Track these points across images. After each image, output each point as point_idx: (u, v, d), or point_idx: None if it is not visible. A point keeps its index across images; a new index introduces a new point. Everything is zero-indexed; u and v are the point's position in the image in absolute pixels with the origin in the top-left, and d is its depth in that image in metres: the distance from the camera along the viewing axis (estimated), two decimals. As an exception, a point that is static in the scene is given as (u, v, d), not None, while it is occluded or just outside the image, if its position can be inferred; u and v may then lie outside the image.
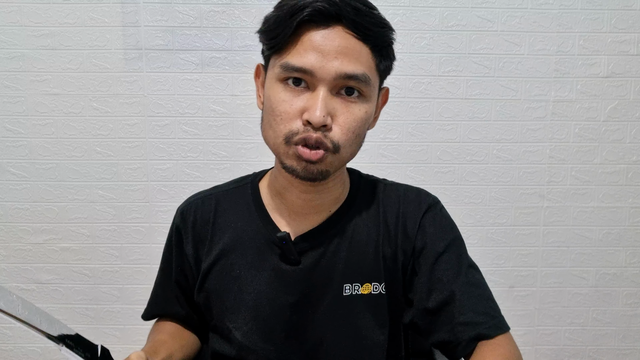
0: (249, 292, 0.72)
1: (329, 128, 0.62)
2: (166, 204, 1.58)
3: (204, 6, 1.51)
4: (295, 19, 0.61)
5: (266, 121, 0.67)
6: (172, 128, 1.56)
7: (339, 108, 0.63)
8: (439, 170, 1.58)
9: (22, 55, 1.52)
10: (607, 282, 1.65)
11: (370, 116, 0.67)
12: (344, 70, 0.61)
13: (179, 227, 0.79)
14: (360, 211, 0.74)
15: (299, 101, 0.63)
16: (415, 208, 0.74)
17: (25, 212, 1.59)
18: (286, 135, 0.63)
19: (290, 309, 0.71)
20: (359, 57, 0.62)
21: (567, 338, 1.67)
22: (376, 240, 0.73)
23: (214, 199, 0.79)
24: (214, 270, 0.75)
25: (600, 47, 1.55)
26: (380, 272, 0.72)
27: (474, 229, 1.60)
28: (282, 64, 0.63)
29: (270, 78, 0.66)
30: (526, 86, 1.56)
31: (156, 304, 0.84)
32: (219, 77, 1.54)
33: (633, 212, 1.62)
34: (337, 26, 0.61)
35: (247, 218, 0.75)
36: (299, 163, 0.64)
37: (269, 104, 0.66)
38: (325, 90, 0.62)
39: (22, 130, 1.55)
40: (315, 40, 0.61)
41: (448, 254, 0.72)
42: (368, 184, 0.78)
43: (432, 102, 1.56)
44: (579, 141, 1.59)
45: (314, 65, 0.61)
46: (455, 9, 1.53)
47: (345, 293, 0.71)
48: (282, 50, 0.63)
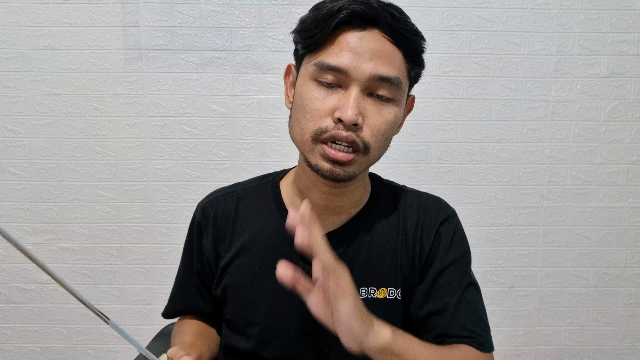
0: (267, 289, 0.73)
1: (359, 128, 0.63)
2: (166, 204, 1.58)
3: (204, 6, 1.51)
4: (333, 20, 0.62)
5: (295, 118, 0.67)
6: (172, 128, 1.56)
7: (370, 109, 0.64)
8: (439, 170, 1.58)
9: (22, 55, 1.52)
10: (607, 282, 1.65)
11: (399, 120, 0.68)
12: (378, 72, 0.62)
13: (199, 223, 0.79)
14: (380, 216, 0.75)
15: (330, 100, 0.63)
16: (433, 218, 0.75)
17: (25, 212, 1.59)
18: (315, 132, 0.64)
19: (306, 308, 0.71)
20: (393, 60, 0.64)
21: (567, 338, 1.67)
22: (394, 247, 0.73)
23: (235, 196, 0.79)
24: (233, 265, 0.75)
25: (600, 47, 1.55)
26: (397, 278, 0.73)
27: (474, 229, 1.60)
28: (317, 63, 0.64)
29: (303, 76, 0.66)
30: (526, 86, 1.56)
31: (179, 299, 0.83)
32: (219, 77, 1.54)
33: (633, 212, 1.62)
34: (374, 29, 0.63)
35: (268, 216, 0.76)
36: (325, 162, 0.64)
37: (300, 101, 0.66)
38: (357, 90, 0.62)
39: (22, 130, 1.55)
40: (351, 42, 0.62)
41: (453, 267, 0.73)
42: (389, 189, 0.79)
43: (432, 102, 1.56)
44: (579, 141, 1.59)
45: (348, 65, 0.62)
46: (455, 9, 1.53)
47: (361, 296, 0.71)
48: (318, 50, 0.64)
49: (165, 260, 1.60)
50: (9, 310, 1.63)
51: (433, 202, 0.77)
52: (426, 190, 0.80)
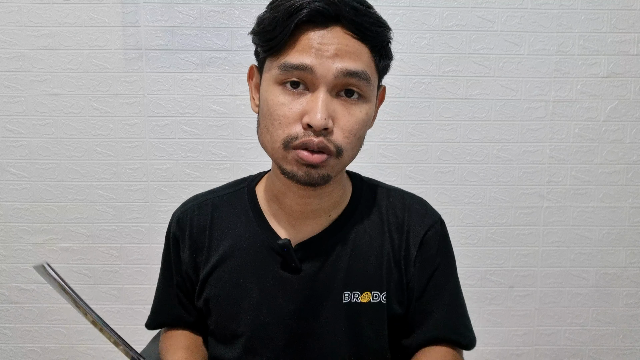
0: (249, 300, 0.71)
1: (330, 131, 0.61)
2: (166, 204, 1.58)
3: (204, 6, 1.51)
4: (293, 20, 0.59)
5: (263, 125, 0.64)
6: (172, 128, 1.56)
7: (340, 110, 0.61)
8: (439, 170, 1.58)
9: (22, 55, 1.52)
10: (607, 282, 1.65)
11: (370, 117, 0.66)
12: (345, 67, 0.60)
13: (175, 235, 0.77)
14: (362, 217, 0.73)
15: (298, 104, 0.61)
16: (420, 222, 0.74)
17: (25, 212, 1.59)
18: (285, 140, 0.61)
19: (290, 316, 0.70)
20: (359, 55, 0.61)
21: (567, 338, 1.67)
22: (379, 249, 0.72)
23: (210, 204, 0.77)
24: (213, 277, 0.73)
25: (600, 47, 1.55)
26: (382, 281, 0.71)
27: (474, 229, 1.60)
28: (281, 65, 0.61)
29: (267, 80, 0.64)
30: (526, 86, 1.56)
31: (161, 312, 0.82)
32: (219, 77, 1.54)
33: (633, 212, 1.62)
34: (336, 27, 0.60)
35: (245, 224, 0.74)
36: (299, 168, 0.62)
37: (266, 108, 0.63)
38: (325, 92, 0.60)
39: (22, 130, 1.55)
40: (314, 40, 0.59)
41: (441, 271, 0.74)
42: (370, 188, 0.77)
43: (432, 102, 1.56)
44: (579, 141, 1.59)
45: (313, 62, 0.59)
46: (455, 9, 1.53)
47: (345, 300, 0.70)
48: (279, 52, 0.61)
49: (165, 260, 1.60)
50: (9, 310, 1.63)
51: (417, 204, 0.76)
52: (426, 190, 0.80)
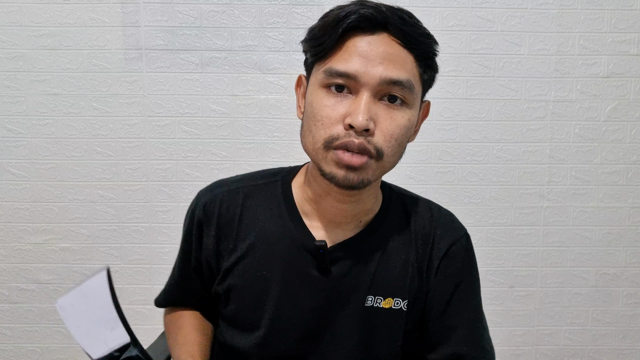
0: (273, 294, 0.72)
1: (371, 133, 0.61)
2: (166, 204, 1.58)
3: (204, 6, 1.51)
4: (341, 25, 0.61)
5: (306, 127, 0.66)
6: (172, 128, 1.56)
7: (382, 114, 0.62)
8: (439, 170, 1.58)
9: (22, 55, 1.52)
10: (607, 282, 1.65)
11: (412, 125, 0.66)
12: (388, 76, 0.61)
13: (200, 221, 0.76)
14: (391, 226, 0.74)
15: (341, 106, 0.62)
16: (445, 235, 0.75)
17: (25, 212, 1.59)
18: (326, 139, 0.62)
19: (310, 312, 0.71)
20: (404, 64, 0.62)
21: (567, 338, 1.67)
22: (405, 257, 0.73)
23: (242, 193, 0.76)
24: (239, 267, 0.73)
25: (600, 47, 1.55)
26: (404, 289, 0.72)
27: (474, 229, 1.59)
28: (326, 70, 0.62)
29: (313, 84, 0.65)
30: (526, 86, 1.56)
31: (174, 292, 0.83)
32: (219, 77, 1.54)
33: (633, 212, 1.62)
34: (383, 33, 0.62)
35: (277, 218, 0.73)
36: (338, 169, 0.62)
37: (310, 110, 0.65)
38: (368, 95, 0.61)
39: (22, 130, 1.55)
40: (360, 46, 0.61)
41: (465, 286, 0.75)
42: (399, 197, 0.78)
43: (432, 102, 1.56)
44: (579, 141, 1.59)
45: (358, 70, 0.60)
46: (455, 9, 1.53)
47: (367, 304, 0.71)
48: (326, 57, 0.63)
49: (165, 260, 1.60)
50: (9, 310, 1.63)
51: (445, 217, 0.77)
52: (426, 190, 0.80)
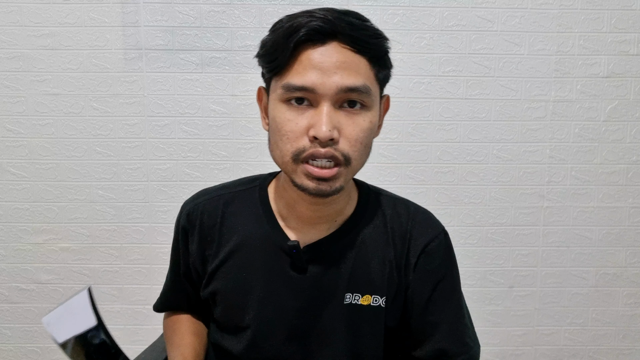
0: (255, 295, 0.74)
1: (336, 142, 0.63)
2: (166, 204, 1.58)
3: (204, 6, 1.51)
4: (292, 40, 0.62)
5: (273, 142, 0.68)
6: (172, 128, 1.56)
7: (344, 121, 0.64)
8: (439, 170, 1.58)
9: (22, 55, 1.52)
10: (607, 282, 1.65)
11: (374, 125, 0.68)
12: (345, 84, 0.62)
13: (185, 228, 0.80)
14: (368, 224, 0.76)
15: (303, 119, 0.63)
16: (423, 232, 0.76)
17: (25, 212, 1.59)
18: (294, 153, 0.64)
19: (293, 313, 0.73)
20: (357, 69, 0.63)
21: (567, 338, 1.67)
22: (382, 255, 0.75)
23: (222, 200, 0.79)
24: (221, 271, 0.76)
25: (600, 47, 1.55)
26: (383, 286, 0.74)
27: (474, 229, 1.60)
28: (284, 85, 0.64)
29: (273, 100, 0.67)
30: (526, 86, 1.56)
31: (168, 297, 0.88)
32: (219, 77, 1.54)
33: (633, 212, 1.62)
34: (333, 42, 0.63)
35: (255, 222, 0.76)
36: (309, 181, 0.64)
37: (274, 125, 0.66)
38: (328, 105, 0.62)
39: (22, 130, 1.55)
40: (314, 58, 0.62)
41: (445, 282, 0.76)
42: (376, 196, 0.79)
43: (432, 102, 1.56)
44: (579, 141, 1.59)
45: (315, 82, 0.62)
46: (455, 9, 1.53)
47: (346, 302, 0.73)
48: (282, 72, 0.65)
49: (165, 260, 1.58)
50: (9, 310, 1.63)
51: (421, 215, 0.78)
52: (426, 190, 0.81)
